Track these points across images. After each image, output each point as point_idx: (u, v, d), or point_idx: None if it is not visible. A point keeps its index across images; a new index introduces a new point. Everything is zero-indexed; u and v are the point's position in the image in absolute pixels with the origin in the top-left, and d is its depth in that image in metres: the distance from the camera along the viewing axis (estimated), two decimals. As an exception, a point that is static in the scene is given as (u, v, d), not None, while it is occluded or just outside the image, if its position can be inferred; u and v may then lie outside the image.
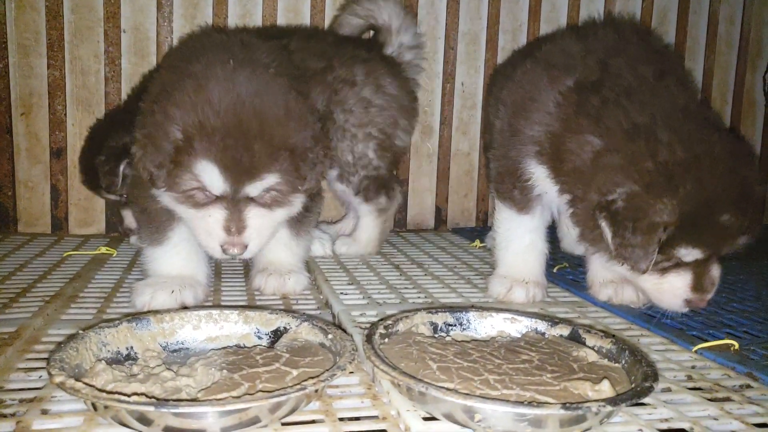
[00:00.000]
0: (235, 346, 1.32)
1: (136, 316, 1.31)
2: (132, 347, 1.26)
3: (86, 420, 1.01)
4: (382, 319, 1.36)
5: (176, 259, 1.70)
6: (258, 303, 1.73)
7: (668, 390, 1.21)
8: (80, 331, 1.21)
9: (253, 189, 1.48)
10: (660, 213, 1.41)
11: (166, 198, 1.53)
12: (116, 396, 0.97)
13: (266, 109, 1.43)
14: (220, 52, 1.56)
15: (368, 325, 1.43)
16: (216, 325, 1.36)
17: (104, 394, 0.98)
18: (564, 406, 0.97)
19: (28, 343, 1.36)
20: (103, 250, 2.30)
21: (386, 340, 1.28)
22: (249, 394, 1.04)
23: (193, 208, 1.49)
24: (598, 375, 1.15)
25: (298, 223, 1.82)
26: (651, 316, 1.67)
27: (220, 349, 1.27)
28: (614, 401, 1.00)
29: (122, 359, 1.23)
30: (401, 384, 1.09)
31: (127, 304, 1.67)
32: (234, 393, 1.03)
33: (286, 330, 1.34)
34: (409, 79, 2.48)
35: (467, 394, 1.02)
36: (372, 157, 2.26)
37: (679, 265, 1.53)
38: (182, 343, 1.33)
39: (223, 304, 1.72)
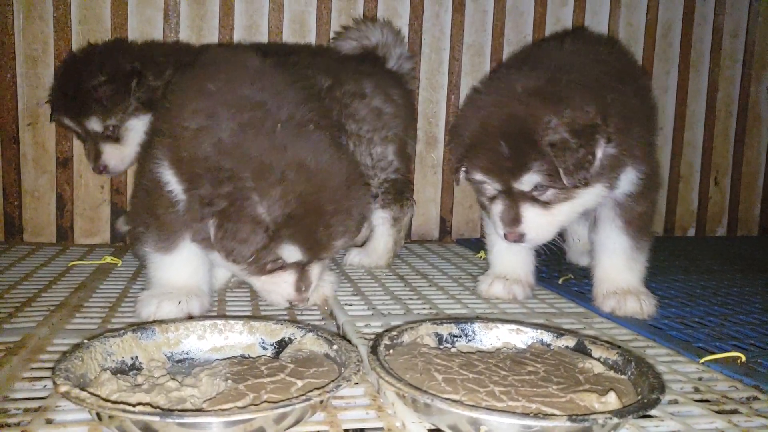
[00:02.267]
0: (240, 356, 1.31)
1: (141, 326, 1.31)
2: (137, 357, 1.26)
3: (91, 430, 1.01)
4: (386, 330, 1.36)
5: (184, 269, 1.69)
6: (263, 314, 1.72)
7: (675, 402, 1.20)
8: (85, 341, 1.21)
9: (324, 256, 1.60)
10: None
11: (232, 266, 1.57)
12: (121, 406, 0.97)
13: (334, 187, 1.52)
14: (264, 113, 1.56)
15: (373, 336, 1.42)
16: (221, 335, 1.36)
17: (109, 404, 0.97)
18: (570, 418, 0.96)
19: (33, 353, 1.36)
20: (108, 259, 2.30)
21: (391, 351, 1.28)
22: (254, 405, 1.03)
23: (264, 275, 1.57)
24: (605, 386, 1.14)
25: None
26: (656, 328, 1.67)
27: (224, 359, 1.27)
28: (621, 413, 0.99)
29: (127, 369, 1.23)
30: (406, 395, 1.09)
31: (131, 314, 1.67)
32: (239, 403, 1.03)
33: (290, 340, 1.34)
34: (411, 91, 2.57)
35: (473, 406, 1.02)
36: (392, 159, 2.29)
37: None
38: (187, 353, 1.32)
39: (227, 314, 1.72)
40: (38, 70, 2.59)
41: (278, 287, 1.59)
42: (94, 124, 2.24)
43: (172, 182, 1.58)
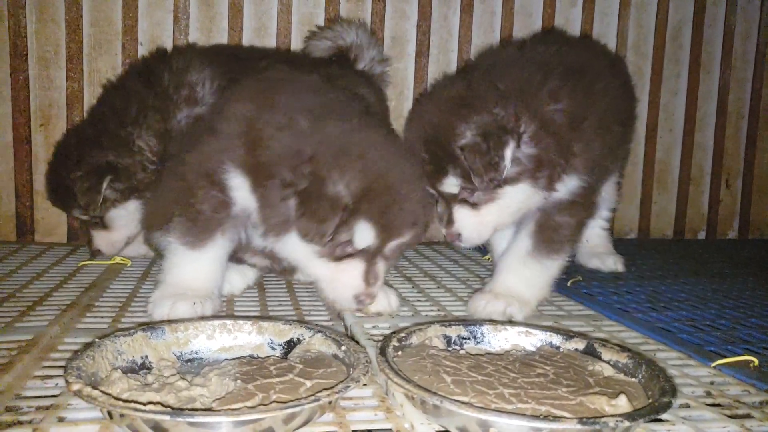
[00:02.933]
0: (249, 356, 1.32)
1: (151, 326, 1.32)
2: (147, 356, 1.27)
3: (102, 428, 1.02)
4: (395, 332, 1.36)
5: (206, 269, 1.67)
6: (271, 314, 1.73)
7: (686, 406, 1.19)
8: (96, 340, 1.21)
9: (392, 244, 1.56)
10: None
11: (301, 248, 1.55)
12: (132, 404, 0.98)
13: (410, 174, 1.55)
14: (339, 110, 1.61)
15: (381, 338, 1.42)
16: (230, 335, 1.36)
17: (120, 403, 0.98)
18: (581, 420, 0.96)
19: (44, 351, 1.37)
20: (118, 260, 2.31)
21: (400, 352, 1.28)
22: (263, 405, 1.03)
23: (333, 260, 1.55)
24: (615, 390, 1.14)
25: None
26: (667, 331, 1.66)
27: (233, 359, 1.27)
28: (632, 416, 0.99)
29: (137, 368, 1.23)
30: (415, 397, 1.08)
31: (142, 314, 1.68)
32: (248, 403, 1.03)
33: (299, 341, 1.34)
34: (382, 91, 2.57)
35: (482, 408, 1.01)
36: None
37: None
38: (196, 353, 1.33)
39: (236, 314, 1.72)
40: (50, 72, 2.62)
41: (346, 276, 1.56)
42: (78, 215, 2.27)
43: (239, 188, 1.57)
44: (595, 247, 2.41)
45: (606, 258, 2.38)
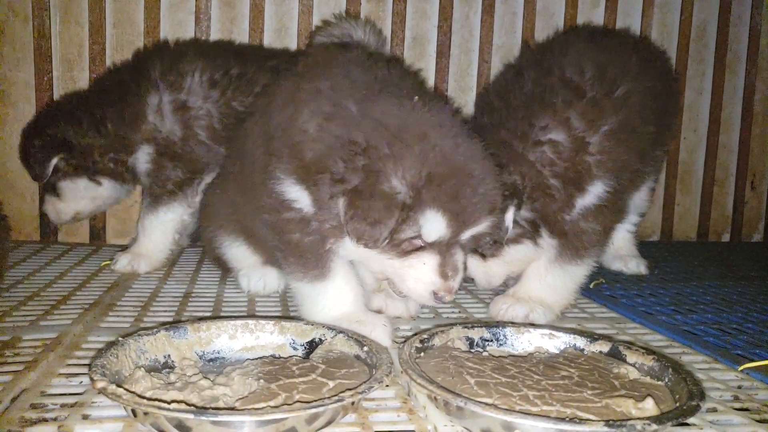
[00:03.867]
0: (271, 356, 1.32)
1: (173, 325, 1.32)
2: (169, 355, 1.27)
3: (126, 426, 1.02)
4: (416, 333, 1.35)
5: (347, 290, 1.52)
6: (292, 314, 1.73)
7: (714, 410, 1.17)
8: (120, 338, 1.22)
9: (467, 234, 1.40)
10: None
11: (361, 251, 1.38)
12: (156, 403, 0.98)
13: (474, 150, 1.39)
14: (390, 91, 1.43)
15: (402, 339, 1.41)
16: (252, 335, 1.37)
17: (145, 401, 0.98)
18: (607, 423, 0.94)
19: (68, 349, 1.38)
20: (140, 259, 2.33)
21: (422, 354, 1.27)
22: (287, 405, 1.03)
23: (400, 257, 1.38)
24: (641, 393, 1.12)
25: None
26: (692, 334, 1.63)
27: (256, 359, 1.27)
28: (660, 419, 0.97)
29: (160, 367, 1.24)
30: (438, 398, 1.07)
31: (163, 313, 1.69)
32: (271, 403, 1.03)
33: (321, 341, 1.34)
34: None
35: (507, 410, 1.00)
36: None
37: None
38: (218, 353, 1.33)
39: (258, 314, 1.73)
40: (74, 73, 2.65)
41: (418, 272, 1.37)
42: (33, 177, 2.27)
43: (300, 197, 1.43)
44: (619, 249, 2.38)
45: (629, 260, 2.35)
